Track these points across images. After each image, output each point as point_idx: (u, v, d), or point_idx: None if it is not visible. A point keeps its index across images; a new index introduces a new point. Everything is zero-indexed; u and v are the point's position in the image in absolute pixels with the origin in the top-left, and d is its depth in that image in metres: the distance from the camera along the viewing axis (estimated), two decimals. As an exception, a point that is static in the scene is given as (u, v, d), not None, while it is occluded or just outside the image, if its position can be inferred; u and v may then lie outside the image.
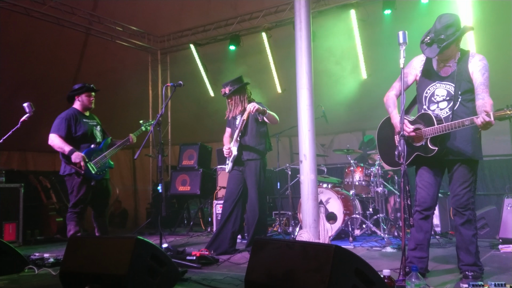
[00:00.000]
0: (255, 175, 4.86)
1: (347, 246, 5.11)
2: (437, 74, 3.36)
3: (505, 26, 6.34)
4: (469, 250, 3.26)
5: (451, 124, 3.10)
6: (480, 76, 3.20)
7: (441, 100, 3.31)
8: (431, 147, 3.20)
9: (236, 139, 4.86)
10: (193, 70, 8.99)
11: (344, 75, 7.63)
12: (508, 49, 6.33)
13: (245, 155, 4.89)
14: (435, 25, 3.22)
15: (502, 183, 6.35)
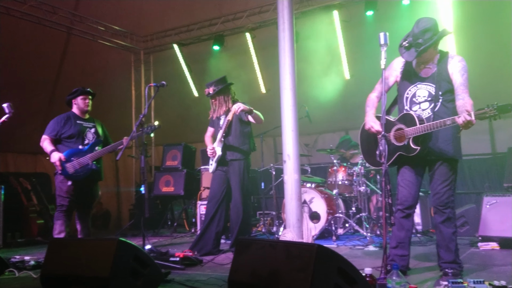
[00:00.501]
0: (239, 175, 4.87)
1: (330, 245, 5.16)
2: (417, 75, 3.42)
3: (485, 27, 6.48)
4: (449, 247, 3.32)
5: (433, 124, 3.15)
6: (459, 77, 3.26)
7: (422, 101, 3.37)
8: (413, 147, 3.25)
9: (220, 139, 4.86)
10: (176, 70, 8.95)
11: (327, 75, 7.68)
12: (488, 50, 6.47)
13: (229, 155, 4.89)
14: (413, 29, 3.27)
15: (481, 181, 6.47)
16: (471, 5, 6.47)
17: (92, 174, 4.86)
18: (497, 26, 6.39)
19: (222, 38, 8.31)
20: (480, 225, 4.85)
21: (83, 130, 4.94)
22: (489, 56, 6.49)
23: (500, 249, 4.58)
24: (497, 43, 6.44)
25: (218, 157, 4.87)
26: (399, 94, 3.54)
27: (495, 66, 6.49)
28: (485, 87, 6.43)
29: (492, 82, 6.39)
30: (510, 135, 6.86)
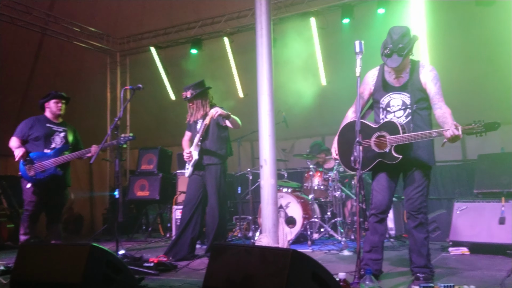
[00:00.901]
0: (216, 179, 4.85)
1: (306, 250, 5.19)
2: (390, 85, 3.48)
3: (456, 36, 6.67)
4: (421, 252, 3.38)
5: (419, 134, 3.19)
6: (433, 86, 3.34)
7: (396, 110, 3.43)
8: (395, 155, 3.27)
9: (197, 143, 4.83)
10: (153, 73, 8.88)
11: (304, 81, 7.75)
12: (460, 59, 6.67)
13: (206, 160, 4.87)
14: (390, 37, 3.32)
15: (452, 187, 6.62)
16: (443, 14, 6.65)
17: (55, 179, 4.78)
18: (469, 35, 6.59)
19: (200, 42, 8.29)
20: (451, 230, 4.95)
21: (51, 134, 4.88)
22: (462, 65, 6.69)
23: (470, 254, 4.69)
24: (469, 52, 6.64)
25: (194, 161, 4.85)
26: (374, 103, 3.60)
27: (467, 74, 6.69)
28: (457, 95, 6.61)
29: (465, 90, 6.59)
30: (480, 142, 7.05)
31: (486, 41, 6.47)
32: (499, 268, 3.91)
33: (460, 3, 6.44)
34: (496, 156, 5.32)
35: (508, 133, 6.96)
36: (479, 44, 6.55)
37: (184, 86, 5.03)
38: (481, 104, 6.65)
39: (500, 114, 6.69)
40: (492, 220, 4.66)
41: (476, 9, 6.21)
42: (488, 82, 6.60)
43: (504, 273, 3.64)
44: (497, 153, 5.53)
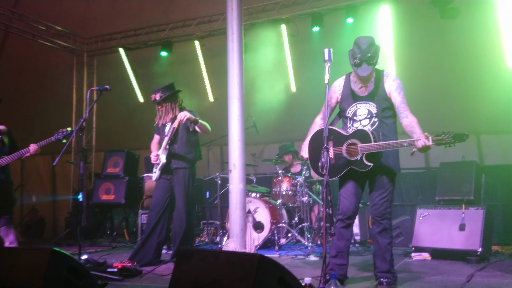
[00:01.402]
0: (183, 184, 4.79)
1: (273, 255, 5.21)
2: (356, 95, 3.55)
3: (421, 46, 6.89)
4: (384, 257, 3.45)
5: (390, 144, 3.26)
6: (397, 95, 3.43)
7: (362, 119, 3.50)
8: (366, 163, 3.32)
9: (165, 147, 4.77)
10: (122, 74, 8.73)
11: (274, 87, 7.82)
12: (423, 68, 6.89)
13: (174, 164, 4.82)
14: (358, 47, 3.38)
15: (416, 194, 6.79)
16: (409, 25, 6.86)
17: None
18: (433, 46, 6.82)
19: (170, 45, 8.22)
20: (413, 236, 5.07)
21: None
22: (425, 74, 6.91)
23: (432, 259, 4.82)
24: (432, 62, 6.87)
25: (162, 164, 4.78)
26: (341, 112, 3.66)
27: (431, 84, 6.92)
28: (421, 103, 6.81)
29: (428, 98, 6.80)
30: (443, 151, 7.26)
31: (449, 52, 6.72)
32: (459, 273, 4.03)
33: (425, 16, 6.66)
34: (457, 164, 5.49)
35: (469, 142, 7.20)
36: (443, 55, 6.79)
37: (153, 88, 4.97)
38: (444, 113, 6.87)
39: (461, 123, 6.95)
40: (452, 226, 4.81)
41: (440, 21, 6.43)
42: (451, 91, 6.84)
43: (464, 278, 3.77)
44: (458, 161, 5.71)
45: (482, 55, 6.44)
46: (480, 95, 6.42)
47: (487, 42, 6.38)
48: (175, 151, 4.82)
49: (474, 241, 4.59)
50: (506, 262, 4.58)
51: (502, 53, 6.27)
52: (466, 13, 6.30)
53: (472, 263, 4.46)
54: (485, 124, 6.74)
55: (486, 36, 6.37)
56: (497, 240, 5.41)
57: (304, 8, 7.31)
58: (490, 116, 6.48)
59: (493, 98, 6.21)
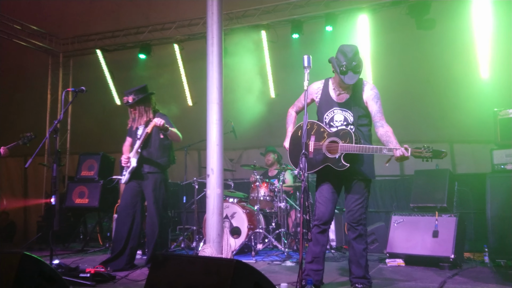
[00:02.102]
0: (155, 189, 4.69)
1: (249, 261, 5.19)
2: (334, 101, 3.59)
3: (398, 56, 7.02)
4: (359, 263, 3.49)
5: (370, 148, 3.29)
6: (374, 104, 3.48)
7: (339, 125, 3.53)
8: (343, 163, 3.35)
9: (137, 150, 4.66)
10: (98, 76, 8.60)
11: (253, 93, 7.83)
12: (399, 77, 7.02)
13: (146, 168, 4.71)
14: (344, 55, 3.40)
15: (391, 201, 6.88)
16: (386, 35, 6.99)
17: None
18: (409, 56, 6.96)
19: (148, 47, 8.15)
20: (388, 242, 5.13)
21: None
22: (401, 84, 7.04)
23: (406, 265, 4.88)
24: (408, 72, 7.00)
25: (132, 168, 4.67)
26: (318, 117, 3.69)
27: (406, 93, 7.05)
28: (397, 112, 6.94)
29: (404, 108, 6.93)
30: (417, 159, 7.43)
31: (424, 62, 6.86)
32: (431, 279, 4.10)
33: (402, 26, 6.80)
34: (431, 172, 5.59)
35: (443, 150, 7.38)
36: (419, 65, 6.93)
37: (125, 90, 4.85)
38: (419, 122, 7.02)
39: (436, 132, 7.11)
40: (426, 233, 4.89)
41: (416, 32, 6.57)
42: (426, 101, 6.98)
43: (437, 284, 3.84)
44: (432, 169, 5.82)
45: (457, 65, 6.61)
46: (454, 105, 6.58)
47: (462, 53, 6.55)
48: (147, 156, 4.72)
49: (446, 248, 4.68)
50: (477, 269, 4.69)
51: (476, 64, 6.45)
52: (442, 24, 6.46)
53: (445, 270, 4.54)
54: (459, 133, 6.91)
55: (461, 47, 6.54)
56: (469, 247, 5.53)
57: (284, 15, 7.37)
58: (463, 126, 6.64)
59: (467, 108, 6.37)
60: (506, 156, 4.91)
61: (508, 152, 4.90)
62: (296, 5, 7.25)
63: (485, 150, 5.30)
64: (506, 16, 6.19)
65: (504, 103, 5.18)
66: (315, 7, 7.20)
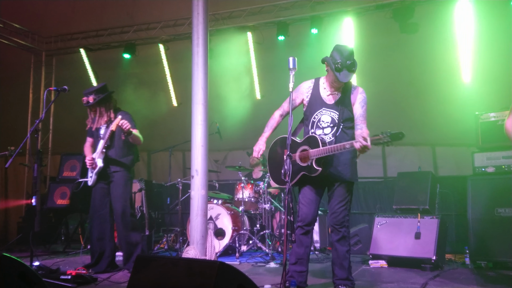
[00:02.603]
0: (121, 187, 4.59)
1: (233, 262, 5.18)
2: (324, 102, 3.61)
3: (381, 60, 7.10)
4: (343, 265, 3.50)
5: (334, 147, 3.33)
6: (360, 108, 3.53)
7: (326, 126, 3.56)
8: (315, 168, 3.39)
9: (101, 150, 4.55)
10: (82, 75, 8.50)
11: (239, 94, 7.83)
12: (383, 81, 7.10)
13: (112, 168, 4.61)
14: (340, 53, 3.43)
15: (374, 203, 6.94)
16: (370, 38, 7.05)
17: None
18: (393, 59, 7.05)
19: (133, 47, 8.08)
20: (371, 244, 5.18)
21: None
22: (385, 87, 7.11)
23: (388, 267, 4.93)
24: (392, 75, 7.09)
25: (99, 168, 4.56)
26: (305, 117, 3.70)
27: (390, 97, 7.13)
28: (380, 116, 6.99)
29: (388, 111, 7.01)
30: (400, 161, 7.53)
31: (408, 66, 6.95)
32: (413, 281, 4.14)
33: (386, 29, 6.87)
34: (414, 174, 5.67)
35: (425, 153, 7.50)
36: (402, 68, 7.02)
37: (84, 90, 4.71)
38: (402, 124, 7.06)
39: (418, 135, 7.20)
40: (408, 235, 4.95)
41: (400, 35, 6.65)
42: (409, 104, 7.07)
43: (418, 285, 3.88)
44: (415, 171, 5.91)
45: (439, 69, 6.71)
46: (436, 108, 6.68)
47: (444, 57, 6.65)
48: (112, 155, 4.62)
49: (428, 250, 4.73)
50: (458, 270, 4.75)
51: (458, 68, 6.56)
52: (425, 28, 6.55)
53: (427, 271, 4.59)
54: (441, 136, 7.01)
55: (444, 52, 6.65)
56: (451, 248, 5.60)
57: (270, 17, 7.38)
58: (445, 129, 6.75)
59: (449, 111, 6.47)
60: (487, 159, 4.99)
61: (489, 155, 4.98)
62: (282, 7, 7.28)
63: (467, 153, 5.38)
64: (488, 21, 6.32)
65: (485, 107, 5.27)
66: (300, 10, 7.24)
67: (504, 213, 4.66)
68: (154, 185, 7.64)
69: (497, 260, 4.65)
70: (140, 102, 8.54)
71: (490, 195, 4.78)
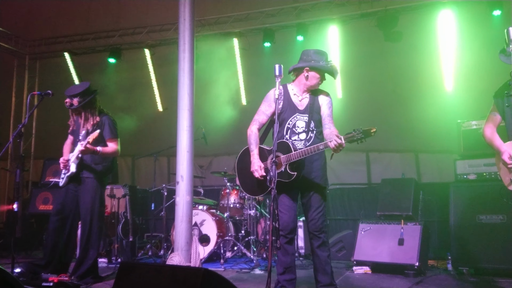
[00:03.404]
0: (90, 195, 4.43)
1: (218, 269, 5.16)
2: (296, 107, 3.63)
3: (366, 68, 7.19)
4: (325, 270, 3.51)
5: (307, 149, 3.34)
6: (327, 109, 3.62)
7: (300, 132, 3.58)
8: (290, 173, 3.39)
9: (77, 155, 4.38)
10: (66, 79, 8.40)
11: (225, 99, 7.83)
12: (367, 88, 7.19)
13: (84, 173, 4.47)
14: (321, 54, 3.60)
15: (358, 209, 6.94)
16: (355, 46, 7.15)
17: None
18: (377, 67, 7.14)
19: (118, 51, 8.04)
20: (355, 250, 5.20)
21: None
22: (369, 95, 7.21)
23: (372, 273, 4.96)
24: (376, 83, 7.18)
25: (71, 173, 4.41)
26: (280, 122, 3.67)
27: (374, 104, 7.22)
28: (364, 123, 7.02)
29: (372, 118, 7.06)
30: (384, 168, 7.61)
31: (392, 73, 7.05)
32: (397, 287, 4.18)
33: (371, 38, 6.97)
34: (397, 181, 5.73)
35: (409, 159, 7.59)
36: (386, 76, 7.12)
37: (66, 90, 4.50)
38: (386, 131, 7.14)
39: (402, 141, 7.30)
40: (392, 241, 4.99)
41: (384, 44, 6.74)
42: (392, 112, 7.15)
43: (401, 291, 3.91)
44: (398, 178, 5.96)
45: (423, 77, 6.82)
46: (419, 115, 6.77)
47: (428, 66, 6.77)
48: (87, 161, 4.47)
49: (411, 256, 4.78)
50: (441, 276, 4.81)
51: (441, 76, 6.68)
52: (409, 37, 6.66)
53: (410, 277, 4.64)
54: (424, 143, 7.11)
55: (427, 60, 6.77)
56: (433, 254, 5.66)
57: (256, 24, 7.43)
58: (428, 136, 6.84)
59: (432, 119, 6.57)
60: (468, 166, 5.07)
61: (471, 163, 5.05)
62: (268, 14, 7.33)
63: (449, 160, 5.45)
64: (469, 31, 6.46)
65: (467, 115, 5.36)
66: (286, 17, 7.30)
67: (485, 219, 4.73)
68: (138, 191, 7.58)
69: (479, 266, 4.71)
70: (125, 107, 8.50)
71: (471, 202, 4.85)
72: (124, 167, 9.46)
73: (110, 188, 6.03)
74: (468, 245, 4.79)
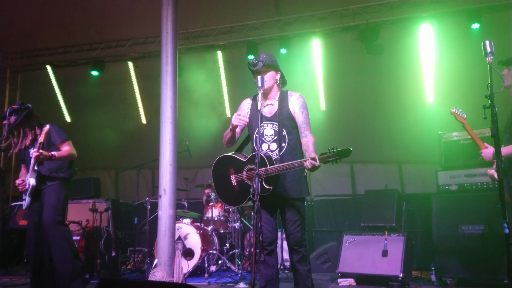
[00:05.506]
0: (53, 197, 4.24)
1: (202, 283, 5.10)
2: (263, 115, 3.52)
3: (349, 79, 7.28)
4: (306, 285, 3.44)
5: (283, 166, 3.25)
6: (301, 115, 3.48)
7: (270, 140, 3.49)
8: (266, 187, 3.29)
9: (33, 168, 4.20)
10: (48, 92, 8.33)
11: (209, 111, 7.84)
12: (350, 100, 7.27)
13: (44, 185, 4.30)
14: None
15: (343, 220, 6.96)
16: (338, 58, 7.24)
17: None
18: (360, 79, 7.23)
19: (101, 64, 7.98)
20: (339, 262, 5.18)
21: None
22: (352, 106, 7.29)
23: (357, 285, 4.95)
24: (359, 95, 7.26)
25: (32, 187, 4.22)
26: (249, 133, 3.66)
27: (357, 115, 7.30)
28: (347, 134, 7.16)
29: (354, 129, 7.16)
30: (368, 179, 7.67)
31: (374, 85, 7.15)
32: (381, 297, 4.18)
33: (353, 50, 7.05)
34: (381, 192, 5.76)
35: (392, 170, 7.68)
36: (369, 88, 7.20)
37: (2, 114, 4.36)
38: (369, 142, 7.24)
39: (385, 152, 7.38)
40: (376, 252, 4.99)
41: (367, 56, 6.83)
42: (375, 124, 7.24)
43: (385, 302, 3.91)
44: (382, 189, 5.99)
45: (405, 89, 6.93)
46: (402, 127, 6.86)
47: (409, 78, 6.88)
48: (45, 172, 4.31)
49: (395, 267, 4.79)
50: (424, 287, 4.83)
51: (423, 88, 6.79)
52: (390, 50, 6.77)
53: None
54: (406, 154, 7.19)
55: (408, 72, 6.87)
56: (417, 265, 5.70)
57: (240, 36, 7.47)
58: (410, 147, 6.93)
59: (414, 130, 6.66)
60: (450, 177, 5.12)
61: (452, 174, 5.11)
62: (251, 27, 7.38)
63: (432, 171, 5.49)
64: (449, 44, 6.59)
65: (448, 127, 5.42)
66: (269, 30, 7.36)
67: (468, 230, 4.77)
68: (121, 204, 7.49)
69: (462, 276, 4.73)
70: (108, 119, 8.43)
71: (453, 213, 4.89)
72: (108, 180, 9.35)
73: (92, 202, 5.94)
74: (451, 255, 4.82)
